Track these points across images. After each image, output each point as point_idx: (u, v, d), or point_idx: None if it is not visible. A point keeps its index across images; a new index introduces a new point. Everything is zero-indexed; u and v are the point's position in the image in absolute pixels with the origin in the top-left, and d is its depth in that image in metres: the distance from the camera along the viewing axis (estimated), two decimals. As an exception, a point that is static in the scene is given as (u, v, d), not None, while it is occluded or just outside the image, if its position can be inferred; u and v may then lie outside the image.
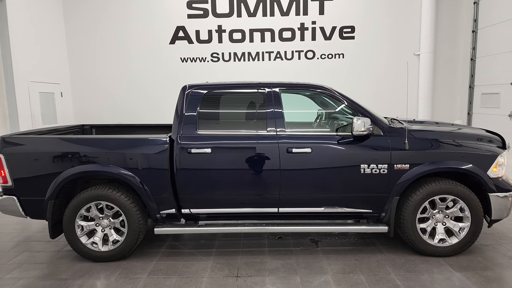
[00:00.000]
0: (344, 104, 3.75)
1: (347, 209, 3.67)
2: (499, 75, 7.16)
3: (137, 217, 3.59)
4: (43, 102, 7.57)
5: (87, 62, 8.61)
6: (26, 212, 3.68)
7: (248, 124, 3.84)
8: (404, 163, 3.54)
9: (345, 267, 3.51)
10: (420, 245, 3.62)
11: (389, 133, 3.60)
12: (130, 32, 8.52)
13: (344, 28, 8.42)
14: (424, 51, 8.17)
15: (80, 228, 3.62)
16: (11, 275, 3.46)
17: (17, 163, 3.58)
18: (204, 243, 4.16)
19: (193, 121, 3.66)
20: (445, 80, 8.57)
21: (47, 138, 3.77)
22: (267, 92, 3.76)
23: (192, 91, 3.77)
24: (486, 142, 3.71)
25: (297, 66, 8.52)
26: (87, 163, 3.55)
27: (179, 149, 3.56)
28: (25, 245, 4.20)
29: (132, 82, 8.65)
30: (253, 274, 3.40)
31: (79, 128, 5.13)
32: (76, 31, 8.52)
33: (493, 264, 3.52)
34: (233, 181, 3.63)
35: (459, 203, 3.56)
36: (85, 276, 3.40)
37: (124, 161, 3.55)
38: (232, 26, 8.44)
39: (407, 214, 3.57)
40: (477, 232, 3.60)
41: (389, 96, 8.41)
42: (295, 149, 3.55)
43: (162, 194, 3.61)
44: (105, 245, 3.67)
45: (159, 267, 3.57)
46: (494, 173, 3.59)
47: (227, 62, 8.56)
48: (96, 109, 8.70)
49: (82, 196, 3.58)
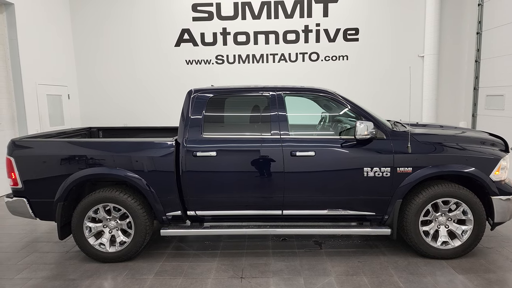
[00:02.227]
0: (347, 107, 3.79)
1: (351, 211, 3.71)
2: (504, 77, 7.15)
3: (144, 218, 3.66)
4: (50, 105, 7.69)
5: (93, 65, 8.73)
6: (36, 213, 3.77)
7: (253, 127, 3.89)
8: (407, 167, 3.57)
9: (348, 269, 3.55)
10: (422, 248, 3.65)
11: (392, 136, 3.64)
12: (135, 35, 8.63)
13: (348, 30, 8.45)
14: (428, 53, 8.17)
15: (88, 230, 3.70)
16: (21, 276, 3.55)
17: (27, 166, 3.67)
18: (209, 244, 4.22)
19: (199, 125, 3.72)
20: (450, 82, 8.56)
21: (56, 141, 3.86)
22: (271, 96, 3.82)
23: (198, 95, 3.83)
24: (489, 145, 3.73)
25: (301, 68, 8.56)
26: (95, 166, 3.63)
27: (185, 152, 3.62)
28: (34, 246, 4.29)
29: (137, 84, 8.75)
30: (257, 275, 3.45)
31: (86, 130, 5.23)
32: (82, 34, 8.64)
33: (496, 267, 3.54)
34: (238, 184, 3.69)
35: (461, 206, 3.59)
36: (93, 277, 3.48)
37: (130, 164, 3.62)
38: (237, 29, 8.50)
39: (410, 217, 3.60)
40: (480, 235, 3.62)
41: (393, 98, 8.42)
42: (299, 153, 3.60)
43: (168, 196, 3.68)
44: (112, 246, 3.74)
45: (165, 268, 3.63)
46: (496, 176, 3.61)
47: (232, 64, 8.62)
48: (102, 111, 8.81)
49: (90, 198, 3.66)
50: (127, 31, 8.61)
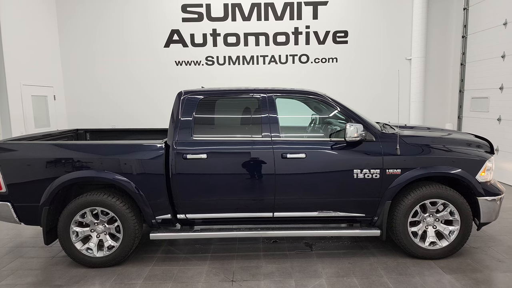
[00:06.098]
0: (337, 110, 3.82)
1: (341, 213, 3.74)
2: (488, 80, 7.33)
3: (133, 222, 3.61)
4: (35, 106, 7.52)
5: (80, 65, 8.58)
6: (20, 218, 3.66)
7: (243, 129, 3.88)
8: (396, 168, 3.61)
9: (339, 270, 3.57)
10: (411, 248, 3.70)
11: (381, 138, 3.68)
12: (124, 35, 8.52)
13: (337, 33, 8.54)
14: (416, 55, 8.32)
15: (75, 234, 3.62)
16: (5, 282, 3.44)
17: (11, 169, 3.57)
18: (200, 247, 4.18)
19: (189, 127, 3.69)
20: (436, 84, 8.73)
21: (41, 144, 3.76)
22: (261, 98, 3.81)
23: (188, 97, 3.80)
24: (475, 147, 3.81)
25: (291, 70, 8.60)
26: (82, 169, 3.56)
27: (175, 154, 3.58)
28: (18, 251, 4.17)
29: (126, 85, 8.64)
30: (248, 278, 3.43)
31: (73, 132, 5.12)
32: (69, 33, 8.49)
33: (482, 266, 3.61)
34: (229, 186, 3.67)
35: (449, 207, 3.65)
36: (80, 282, 3.40)
37: (119, 166, 3.57)
38: (227, 30, 8.49)
39: (399, 218, 3.65)
40: (467, 235, 3.69)
41: (382, 100, 8.54)
42: (289, 155, 3.60)
43: (158, 199, 3.63)
44: (100, 251, 3.67)
45: (155, 273, 3.58)
46: (482, 178, 3.68)
47: (222, 65, 8.60)
48: (89, 112, 8.66)
49: (77, 202, 3.58)
50: (115, 31, 8.50)
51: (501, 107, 6.92)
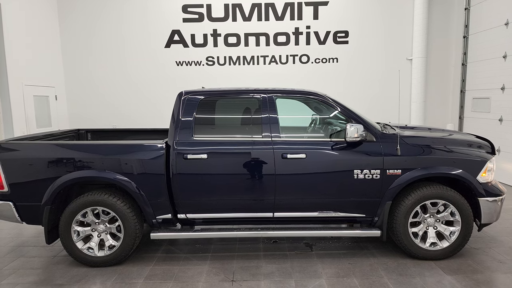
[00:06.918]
0: (337, 110, 3.82)
1: (341, 213, 3.74)
2: (490, 80, 7.31)
3: (133, 222, 3.62)
4: (37, 106, 7.54)
5: (81, 65, 8.61)
6: (22, 217, 3.68)
7: (244, 129, 3.88)
8: (396, 169, 3.61)
9: (339, 271, 3.57)
10: (412, 249, 3.70)
11: (381, 139, 3.68)
12: (125, 35, 8.54)
13: (338, 33, 8.53)
14: (416, 56, 8.30)
15: (76, 234, 3.64)
16: (7, 281, 3.46)
17: (13, 169, 3.59)
18: (200, 247, 4.19)
19: (189, 127, 3.70)
20: (437, 85, 8.72)
21: (43, 144, 3.78)
22: (262, 98, 3.82)
23: (189, 97, 3.81)
24: (476, 147, 3.80)
25: (291, 70, 8.60)
26: (83, 169, 3.57)
27: (175, 154, 3.59)
28: (20, 251, 4.19)
29: (127, 85, 8.66)
30: (248, 278, 3.44)
31: (74, 132, 5.14)
32: (70, 34, 8.51)
33: (483, 267, 3.60)
34: (229, 186, 3.68)
35: (449, 207, 3.65)
36: (81, 282, 3.41)
37: (120, 166, 3.58)
38: (227, 30, 8.50)
39: (399, 219, 3.65)
40: (467, 236, 3.68)
41: (383, 100, 8.53)
42: (290, 155, 3.61)
43: (158, 199, 3.64)
44: (101, 250, 3.68)
45: (155, 272, 3.59)
46: (483, 178, 3.68)
47: (222, 66, 8.61)
48: (90, 112, 8.69)
49: (78, 201, 3.59)
50: (116, 31, 8.52)
51: (502, 107, 6.91)
